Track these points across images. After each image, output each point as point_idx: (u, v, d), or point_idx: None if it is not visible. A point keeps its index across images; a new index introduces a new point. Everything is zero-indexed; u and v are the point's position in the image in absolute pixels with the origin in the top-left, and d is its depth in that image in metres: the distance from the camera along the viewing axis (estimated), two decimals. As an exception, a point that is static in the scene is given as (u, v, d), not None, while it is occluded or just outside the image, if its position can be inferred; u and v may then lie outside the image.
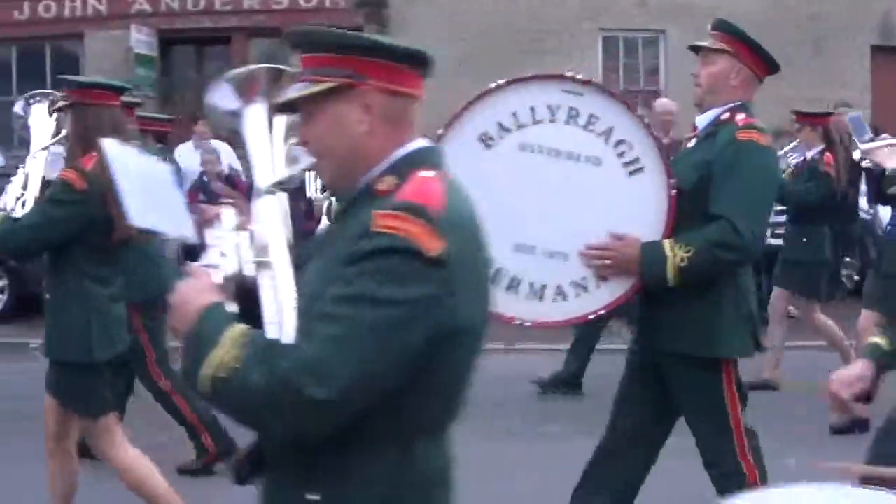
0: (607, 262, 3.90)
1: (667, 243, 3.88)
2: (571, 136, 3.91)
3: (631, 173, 3.91)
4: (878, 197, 7.54)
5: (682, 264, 3.85)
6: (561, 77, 4.00)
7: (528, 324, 4.01)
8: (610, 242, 3.91)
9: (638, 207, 3.94)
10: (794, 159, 8.77)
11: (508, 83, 3.95)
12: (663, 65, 17.24)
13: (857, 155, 8.12)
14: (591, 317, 4.14)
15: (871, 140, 8.24)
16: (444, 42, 16.54)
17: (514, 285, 3.93)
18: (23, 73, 17.88)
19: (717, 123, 4.17)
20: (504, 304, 3.79)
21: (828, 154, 8.37)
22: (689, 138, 4.37)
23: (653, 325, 4.15)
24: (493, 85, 3.96)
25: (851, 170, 8.62)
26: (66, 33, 17.63)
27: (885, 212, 8.28)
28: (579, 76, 3.99)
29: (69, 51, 17.87)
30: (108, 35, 17.02)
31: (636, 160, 3.90)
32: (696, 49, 4.37)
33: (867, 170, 7.85)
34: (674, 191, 3.89)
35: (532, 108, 3.91)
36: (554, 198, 3.92)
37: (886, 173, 7.17)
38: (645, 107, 15.78)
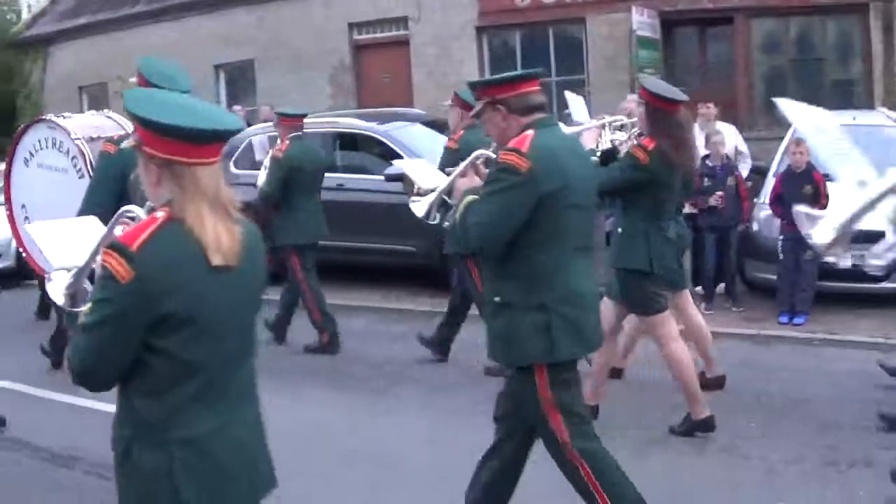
0: None
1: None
2: (54, 155, 6.59)
3: (80, 178, 6.32)
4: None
5: None
6: (44, 119, 6.85)
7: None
8: None
9: None
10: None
11: (32, 123, 6.96)
12: None
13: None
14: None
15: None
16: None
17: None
18: (527, 58, 18.74)
19: None
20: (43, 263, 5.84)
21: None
22: None
23: None
24: (23, 125, 7.04)
25: None
26: (569, 17, 18.24)
27: None
28: (49, 117, 6.83)
29: (572, 35, 18.48)
30: (610, 18, 17.40)
31: (81, 169, 6.35)
32: None
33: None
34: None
35: (40, 140, 6.72)
36: (55, 194, 6.37)
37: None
38: None
